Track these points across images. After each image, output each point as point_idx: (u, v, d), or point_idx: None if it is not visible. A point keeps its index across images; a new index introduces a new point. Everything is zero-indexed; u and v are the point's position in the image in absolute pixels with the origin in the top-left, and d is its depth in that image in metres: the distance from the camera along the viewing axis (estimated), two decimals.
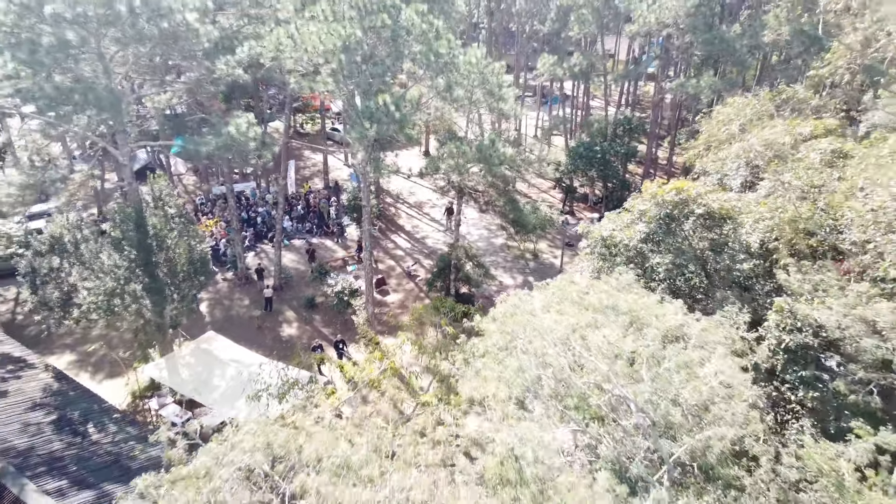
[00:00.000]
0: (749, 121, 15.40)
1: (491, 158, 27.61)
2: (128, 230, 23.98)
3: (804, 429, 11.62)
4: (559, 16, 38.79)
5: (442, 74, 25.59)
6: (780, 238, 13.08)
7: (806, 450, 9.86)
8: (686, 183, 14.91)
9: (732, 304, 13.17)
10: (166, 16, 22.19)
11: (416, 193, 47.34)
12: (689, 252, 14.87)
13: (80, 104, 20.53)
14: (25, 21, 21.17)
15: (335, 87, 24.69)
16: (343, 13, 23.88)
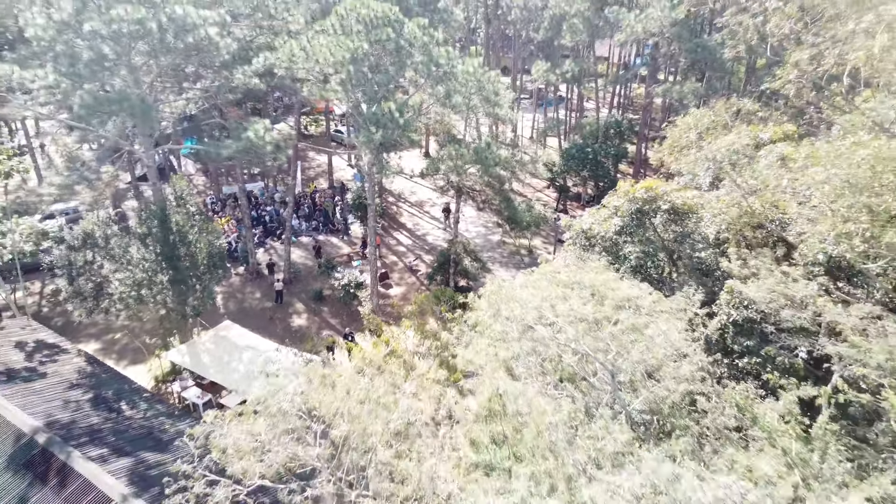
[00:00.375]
0: (706, 129, 17.70)
1: (487, 160, 29.94)
2: (153, 226, 26.31)
3: (747, 389, 13.96)
4: (552, 24, 41.17)
5: (442, 83, 27.92)
6: (730, 230, 15.37)
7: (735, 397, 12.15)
8: (655, 182, 17.20)
9: (691, 286, 15.51)
10: (191, 30, 24.52)
11: (416, 193, 49.65)
12: (658, 242, 17.18)
13: (116, 112, 22.85)
14: (64, 36, 23.51)
15: (344, 94, 27.00)
16: (351, 27, 26.20)
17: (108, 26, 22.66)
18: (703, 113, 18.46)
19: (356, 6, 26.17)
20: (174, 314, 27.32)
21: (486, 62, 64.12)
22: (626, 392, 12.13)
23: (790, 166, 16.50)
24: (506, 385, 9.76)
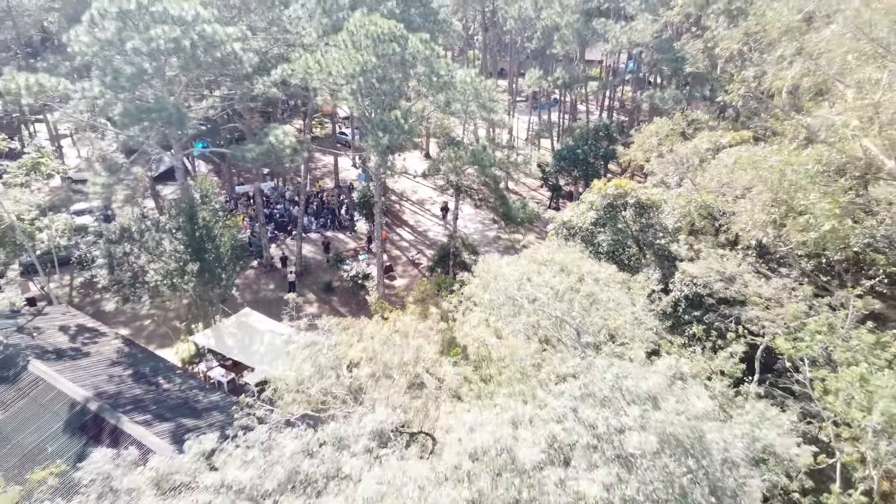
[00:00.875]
0: (666, 136, 20.79)
1: (483, 161, 33.14)
2: (183, 221, 29.46)
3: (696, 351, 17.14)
4: (544, 35, 44.33)
5: (442, 91, 31.08)
6: (683, 220, 18.46)
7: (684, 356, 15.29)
8: (625, 181, 20.28)
9: (651, 268, 18.68)
10: (218, 46, 27.71)
11: (418, 192, 52.82)
12: (626, 231, 20.34)
13: (155, 120, 25.99)
14: (107, 52, 26.66)
15: (354, 102, 30.15)
16: (360, 43, 29.34)
17: (148, 44, 25.82)
18: (664, 122, 21.62)
19: (365, 24, 29.33)
20: (202, 301, 30.47)
21: (484, 65, 67.36)
22: (591, 351, 15.29)
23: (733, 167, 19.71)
24: (492, 340, 12.84)
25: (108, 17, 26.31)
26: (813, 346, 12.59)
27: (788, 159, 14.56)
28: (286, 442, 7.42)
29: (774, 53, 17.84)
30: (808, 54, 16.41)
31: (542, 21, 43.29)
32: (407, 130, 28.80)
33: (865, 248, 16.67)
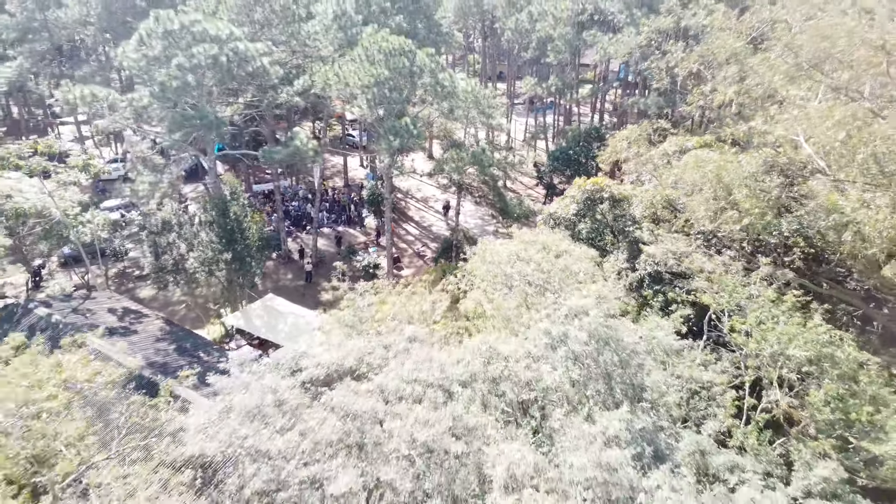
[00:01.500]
0: (634, 141, 24.79)
1: (483, 162, 37.22)
2: (216, 215, 33.52)
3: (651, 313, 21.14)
4: (539, 45, 48.42)
5: (446, 100, 35.15)
6: (648, 211, 22.46)
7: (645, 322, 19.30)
8: (601, 179, 24.29)
9: (621, 251, 22.75)
10: (249, 61, 31.78)
11: (422, 190, 56.89)
12: (603, 221, 24.39)
13: (196, 126, 30.06)
14: (154, 67, 30.74)
15: (368, 110, 34.20)
16: (374, 57, 33.40)
17: (190, 60, 29.89)
18: (633, 129, 25.68)
19: (378, 40, 33.40)
20: (232, 286, 34.55)
21: (483, 69, 71.53)
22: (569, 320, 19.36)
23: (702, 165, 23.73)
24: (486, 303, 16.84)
25: (154, 36, 30.41)
26: (731, 301, 16.62)
27: (724, 164, 18.59)
28: (355, 341, 11.28)
29: (721, 74, 21.89)
30: (742, 76, 20.48)
31: (536, 32, 47.38)
32: (416, 135, 32.89)
33: (793, 233, 20.83)
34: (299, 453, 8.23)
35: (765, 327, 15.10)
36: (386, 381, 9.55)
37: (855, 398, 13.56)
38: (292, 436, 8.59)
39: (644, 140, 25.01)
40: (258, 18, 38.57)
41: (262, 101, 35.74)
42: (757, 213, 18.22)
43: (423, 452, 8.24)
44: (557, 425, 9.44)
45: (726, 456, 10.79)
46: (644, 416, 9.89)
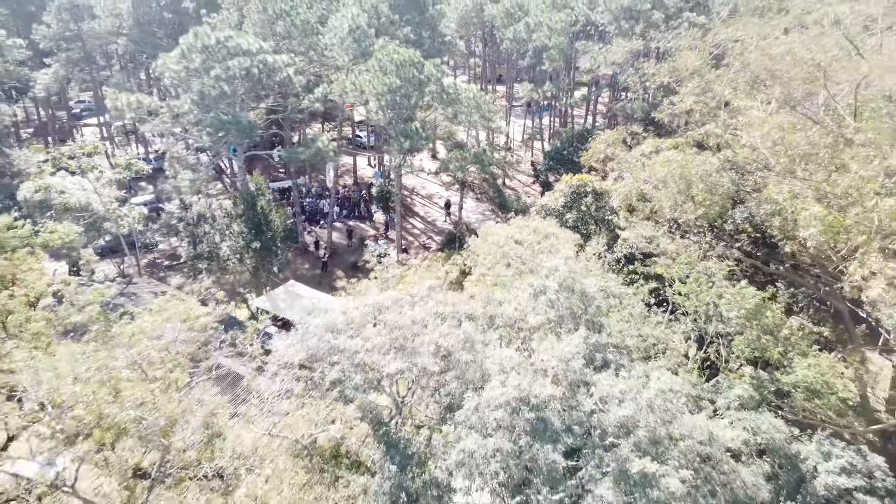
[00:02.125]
0: (611, 143, 29.06)
1: (483, 161, 41.54)
2: (245, 209, 37.78)
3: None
4: (535, 53, 52.69)
5: (450, 106, 39.46)
6: (624, 202, 26.70)
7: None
8: (585, 176, 28.49)
9: (599, 235, 27.06)
10: (276, 72, 36.07)
11: (426, 188, 61.18)
12: (587, 212, 28.68)
13: (231, 130, 34.35)
14: (193, 78, 35.02)
15: (381, 115, 38.48)
16: (387, 67, 37.69)
17: (226, 72, 34.19)
18: (611, 133, 29.99)
19: (390, 53, 37.71)
20: (260, 272, 38.84)
21: (484, 73, 75.85)
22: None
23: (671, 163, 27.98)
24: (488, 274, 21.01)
25: (194, 50, 34.69)
26: (679, 270, 20.92)
27: (686, 163, 22.88)
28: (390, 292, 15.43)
29: (685, 87, 26.18)
30: (702, 89, 24.77)
31: (533, 42, 51.68)
32: (424, 137, 37.21)
33: (744, 220, 25.18)
34: (363, 350, 12.42)
35: (699, 289, 19.43)
36: (415, 313, 13.67)
37: (770, 343, 17.87)
38: (358, 341, 12.78)
39: (619, 142, 29.30)
40: (280, 31, 42.86)
41: (286, 106, 39.99)
42: (709, 204, 22.52)
43: (444, 355, 12.43)
44: (536, 344, 13.60)
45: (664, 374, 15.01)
46: (596, 336, 14.07)
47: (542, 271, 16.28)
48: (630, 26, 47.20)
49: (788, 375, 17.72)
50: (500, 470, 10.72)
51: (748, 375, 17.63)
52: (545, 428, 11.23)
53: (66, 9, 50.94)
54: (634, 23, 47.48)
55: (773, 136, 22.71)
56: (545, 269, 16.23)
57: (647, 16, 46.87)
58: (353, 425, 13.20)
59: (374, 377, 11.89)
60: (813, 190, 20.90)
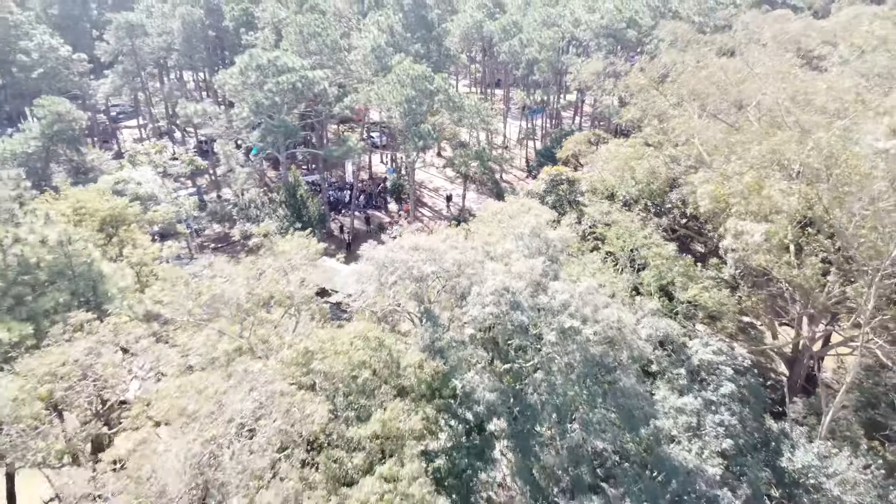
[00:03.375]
0: (579, 143, 37.89)
1: (483, 157, 50.60)
2: (287, 196, 46.84)
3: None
4: (528, 65, 61.80)
5: (455, 111, 48.56)
6: (589, 187, 35.68)
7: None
8: (560, 168, 37.45)
9: (571, 212, 36.18)
10: (315, 85, 45.17)
11: (433, 182, 70.28)
12: (563, 195, 37.76)
13: (281, 133, 43.37)
14: (248, 90, 44.10)
15: (399, 119, 47.54)
16: (404, 81, 46.78)
17: (277, 86, 43.27)
18: (580, 134, 39.10)
19: (406, 68, 46.81)
20: None
21: (484, 78, 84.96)
22: None
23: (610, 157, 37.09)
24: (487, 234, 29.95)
25: (250, 68, 43.75)
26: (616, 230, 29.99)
27: (632, 155, 31.93)
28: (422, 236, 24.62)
29: (634, 100, 35.28)
30: (645, 102, 33.89)
31: (525, 55, 60.78)
32: (434, 137, 46.27)
33: (678, 200, 34.28)
34: (412, 261, 21.34)
35: (620, 234, 28.57)
36: (436, 247, 22.52)
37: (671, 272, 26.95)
38: (410, 254, 21.70)
39: (586, 142, 38.42)
40: (312, 49, 51.93)
41: (320, 112, 49.10)
42: (646, 183, 31.60)
43: (458, 265, 21.35)
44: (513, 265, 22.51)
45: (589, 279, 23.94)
46: (553, 263, 22.95)
47: (521, 226, 25.27)
48: (608, 43, 56.35)
49: (684, 293, 26.85)
50: (492, 325, 19.52)
51: (657, 298, 26.73)
52: (517, 304, 20.05)
53: (122, 27, 59.99)
54: (613, 40, 56.64)
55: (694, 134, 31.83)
56: (523, 223, 25.21)
57: (623, 34, 56.05)
58: (403, 305, 22.42)
59: (417, 274, 20.70)
60: (717, 174, 30.03)
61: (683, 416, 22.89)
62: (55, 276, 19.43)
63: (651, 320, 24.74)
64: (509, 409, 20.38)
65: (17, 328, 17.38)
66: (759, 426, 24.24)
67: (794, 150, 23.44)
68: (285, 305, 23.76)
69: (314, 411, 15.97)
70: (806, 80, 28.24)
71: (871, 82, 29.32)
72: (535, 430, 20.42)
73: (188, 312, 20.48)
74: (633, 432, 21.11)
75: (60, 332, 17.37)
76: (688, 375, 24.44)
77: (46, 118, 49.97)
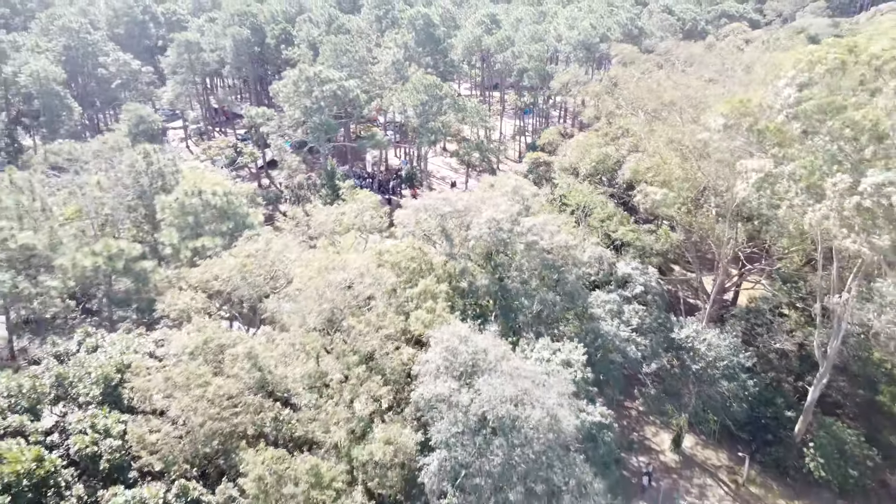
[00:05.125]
0: (553, 135, 51.47)
1: (482, 149, 64.75)
2: (327, 180, 61.00)
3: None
4: (519, 73, 75.88)
5: (459, 112, 62.69)
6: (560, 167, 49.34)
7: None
8: (539, 154, 51.14)
9: (547, 186, 50.38)
10: (350, 92, 59.44)
11: (440, 172, 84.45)
12: (541, 174, 51.74)
13: (324, 131, 57.43)
14: (298, 97, 58.31)
15: (415, 119, 61.58)
16: (419, 88, 60.93)
17: (322, 93, 57.44)
18: (551, 129, 53.21)
19: (420, 79, 61.01)
20: None
21: (482, 82, 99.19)
22: None
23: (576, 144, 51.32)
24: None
25: (301, 81, 57.94)
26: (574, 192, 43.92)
27: (591, 143, 45.90)
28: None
29: (592, 102, 49.34)
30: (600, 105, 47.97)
31: (517, 65, 74.96)
32: (443, 133, 60.35)
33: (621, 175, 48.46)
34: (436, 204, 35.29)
35: (577, 197, 42.65)
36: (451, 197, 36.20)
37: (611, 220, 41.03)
38: (435, 201, 35.63)
39: (557, 134, 52.46)
40: (344, 63, 66.14)
41: (352, 114, 63.26)
42: (598, 162, 45.73)
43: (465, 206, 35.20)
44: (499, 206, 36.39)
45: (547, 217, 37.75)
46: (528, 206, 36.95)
47: (506, 186, 39.22)
48: (584, 55, 70.63)
49: (615, 233, 40.98)
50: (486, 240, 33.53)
51: (599, 237, 40.78)
52: (500, 228, 33.83)
53: (182, 45, 74.25)
54: (587, 52, 70.88)
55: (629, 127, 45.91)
56: (508, 185, 39.17)
57: (596, 47, 70.28)
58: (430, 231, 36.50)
59: (440, 212, 34.54)
60: (644, 154, 44.15)
61: (608, 305, 36.87)
62: (223, 214, 33.23)
63: (592, 248, 38.77)
64: (496, 292, 34.36)
65: (214, 240, 31.21)
66: (661, 316, 38.26)
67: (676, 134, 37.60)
68: (364, 230, 37.72)
69: (388, 278, 29.79)
70: (692, 87, 42.28)
71: (728, 87, 43.24)
72: (512, 305, 34.41)
73: (304, 233, 34.65)
74: (573, 308, 35.09)
75: (244, 240, 31.12)
76: (615, 283, 38.50)
77: (131, 120, 64.27)
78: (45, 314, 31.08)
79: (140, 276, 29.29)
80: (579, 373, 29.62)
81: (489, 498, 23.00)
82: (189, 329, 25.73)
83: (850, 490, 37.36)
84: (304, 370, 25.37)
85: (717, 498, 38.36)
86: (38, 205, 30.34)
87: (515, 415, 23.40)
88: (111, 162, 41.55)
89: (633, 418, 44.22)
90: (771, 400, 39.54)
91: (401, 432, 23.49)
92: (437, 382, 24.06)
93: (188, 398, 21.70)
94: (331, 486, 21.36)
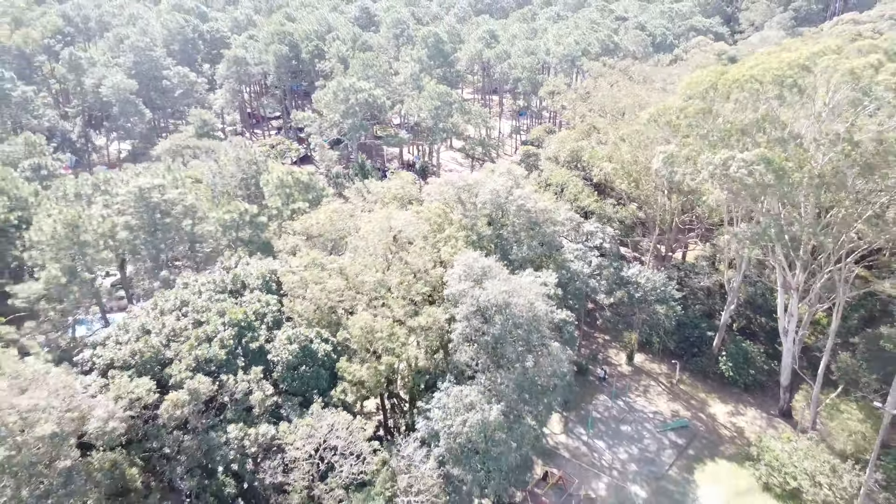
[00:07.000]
0: (539, 132, 67.05)
1: (483, 144, 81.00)
2: (359, 169, 77.19)
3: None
4: (514, 81, 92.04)
5: (465, 114, 78.93)
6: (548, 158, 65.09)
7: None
8: (530, 147, 66.81)
9: (536, 172, 66.68)
10: (378, 99, 75.79)
11: (448, 164, 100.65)
12: (531, 163, 67.76)
13: (358, 130, 73.44)
14: (336, 103, 74.59)
15: (431, 121, 77.70)
16: (433, 95, 77.16)
17: (356, 101, 73.66)
18: (539, 127, 69.25)
19: (433, 88, 77.30)
20: None
21: (483, 87, 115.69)
22: None
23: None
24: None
25: (339, 91, 74.18)
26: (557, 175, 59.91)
27: (569, 137, 61.82)
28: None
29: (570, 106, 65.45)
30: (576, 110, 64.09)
31: (512, 75, 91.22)
32: (453, 132, 76.52)
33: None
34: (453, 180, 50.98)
35: (556, 175, 58.81)
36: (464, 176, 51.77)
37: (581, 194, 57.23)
38: (458, 179, 51.41)
39: (544, 131, 68.51)
40: (370, 75, 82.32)
41: (378, 117, 79.47)
42: (572, 152, 61.96)
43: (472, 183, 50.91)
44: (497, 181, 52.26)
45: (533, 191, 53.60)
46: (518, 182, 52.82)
47: (501, 168, 55.26)
48: (568, 66, 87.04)
49: (583, 203, 57.28)
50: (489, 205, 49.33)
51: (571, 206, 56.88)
52: (499, 195, 49.64)
53: (231, 59, 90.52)
54: (571, 64, 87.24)
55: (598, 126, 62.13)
56: (503, 168, 55.19)
57: (578, 60, 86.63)
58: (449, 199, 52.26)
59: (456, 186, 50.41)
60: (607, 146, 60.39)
61: (576, 252, 52.91)
62: (307, 187, 49.29)
63: (565, 212, 54.95)
64: (495, 241, 50.45)
65: (304, 205, 47.51)
66: (615, 261, 54.40)
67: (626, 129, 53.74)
68: (403, 200, 53.73)
69: (424, 227, 45.92)
70: (640, 96, 58.37)
71: (662, 97, 59.23)
72: (507, 250, 50.51)
73: (364, 201, 50.84)
74: (551, 256, 51.15)
75: (326, 202, 47.17)
76: (581, 237, 54.70)
77: (196, 122, 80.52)
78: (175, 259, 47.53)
79: (259, 226, 45.38)
80: (552, 290, 45.64)
81: (493, 349, 38.90)
82: (301, 254, 41.83)
83: (752, 386, 53.34)
84: (374, 278, 41.40)
85: (656, 393, 54.34)
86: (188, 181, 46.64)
87: (508, 301, 39.27)
88: (210, 154, 57.74)
89: (600, 344, 60.22)
90: (697, 324, 55.61)
91: (436, 311, 39.51)
92: (459, 283, 39.97)
93: (316, 289, 37.82)
94: (399, 338, 37.38)
